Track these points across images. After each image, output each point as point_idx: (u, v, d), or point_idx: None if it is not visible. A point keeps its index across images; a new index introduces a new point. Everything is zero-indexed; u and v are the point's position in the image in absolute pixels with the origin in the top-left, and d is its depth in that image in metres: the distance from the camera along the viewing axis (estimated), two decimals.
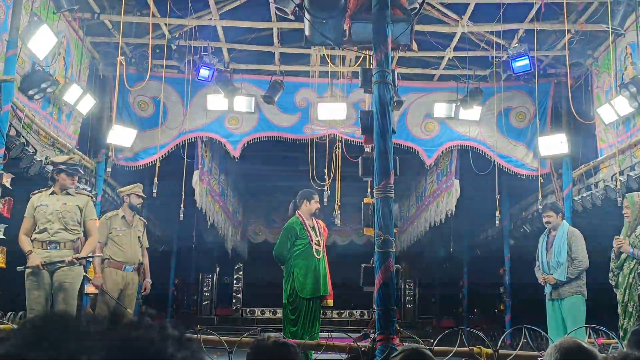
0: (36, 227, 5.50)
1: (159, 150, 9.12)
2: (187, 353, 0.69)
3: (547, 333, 5.75)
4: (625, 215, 5.81)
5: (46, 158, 7.04)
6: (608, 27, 7.20)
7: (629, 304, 5.52)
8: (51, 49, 6.98)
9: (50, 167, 6.04)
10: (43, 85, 6.95)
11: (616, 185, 7.55)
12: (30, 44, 6.62)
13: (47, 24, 6.78)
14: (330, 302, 6.48)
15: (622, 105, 7.43)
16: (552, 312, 6.36)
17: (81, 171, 5.69)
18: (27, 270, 5.35)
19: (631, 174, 7.31)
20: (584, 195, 8.61)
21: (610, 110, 7.68)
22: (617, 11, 7.13)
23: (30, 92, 6.89)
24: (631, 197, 5.81)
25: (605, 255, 6.03)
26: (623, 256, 5.67)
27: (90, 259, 6.02)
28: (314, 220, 6.51)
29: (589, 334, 4.99)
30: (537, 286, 6.68)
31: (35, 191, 5.71)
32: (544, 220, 6.60)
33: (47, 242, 5.46)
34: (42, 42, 6.73)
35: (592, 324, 4.87)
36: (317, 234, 6.43)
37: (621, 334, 5.50)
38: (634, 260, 5.56)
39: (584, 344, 2.07)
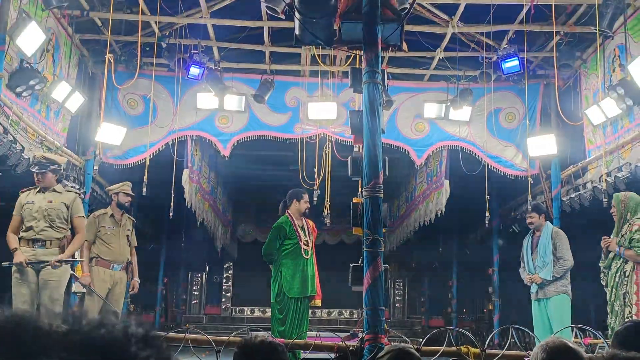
0: (23, 225, 5.46)
1: (149, 149, 9.06)
2: (151, 351, 0.68)
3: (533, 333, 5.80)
4: (612, 214, 5.87)
5: (34, 156, 6.98)
6: (596, 30, 7.25)
7: (615, 303, 5.58)
8: (40, 46, 6.92)
9: None
10: (31, 83, 6.89)
11: (604, 187, 7.61)
12: (19, 41, 6.56)
13: (36, 21, 6.72)
14: (318, 302, 6.46)
15: (610, 107, 7.48)
16: (538, 312, 6.41)
17: (47, 168, 5.56)
18: (13, 268, 5.31)
19: (619, 175, 7.36)
20: (572, 196, 8.67)
21: (599, 111, 7.73)
22: (605, 13, 7.17)
23: (18, 89, 6.83)
24: (617, 197, 5.87)
25: (593, 255, 6.08)
26: (611, 255, 5.72)
27: (79, 260, 5.98)
28: (303, 220, 6.48)
29: (576, 333, 5.03)
30: (525, 286, 6.72)
31: (24, 189, 5.67)
32: (527, 221, 6.72)
33: (33, 240, 5.41)
34: (30, 39, 6.67)
35: (580, 323, 4.91)
36: (306, 234, 6.41)
37: (609, 332, 5.55)
38: (621, 259, 5.61)
39: (570, 344, 2.09)
